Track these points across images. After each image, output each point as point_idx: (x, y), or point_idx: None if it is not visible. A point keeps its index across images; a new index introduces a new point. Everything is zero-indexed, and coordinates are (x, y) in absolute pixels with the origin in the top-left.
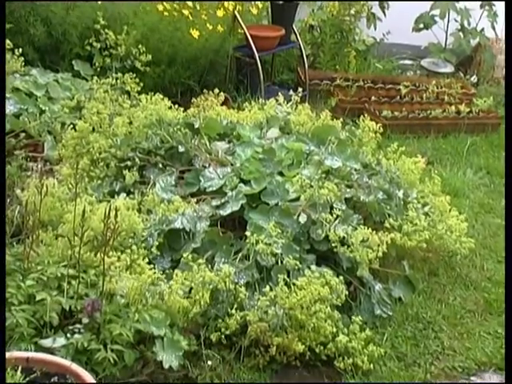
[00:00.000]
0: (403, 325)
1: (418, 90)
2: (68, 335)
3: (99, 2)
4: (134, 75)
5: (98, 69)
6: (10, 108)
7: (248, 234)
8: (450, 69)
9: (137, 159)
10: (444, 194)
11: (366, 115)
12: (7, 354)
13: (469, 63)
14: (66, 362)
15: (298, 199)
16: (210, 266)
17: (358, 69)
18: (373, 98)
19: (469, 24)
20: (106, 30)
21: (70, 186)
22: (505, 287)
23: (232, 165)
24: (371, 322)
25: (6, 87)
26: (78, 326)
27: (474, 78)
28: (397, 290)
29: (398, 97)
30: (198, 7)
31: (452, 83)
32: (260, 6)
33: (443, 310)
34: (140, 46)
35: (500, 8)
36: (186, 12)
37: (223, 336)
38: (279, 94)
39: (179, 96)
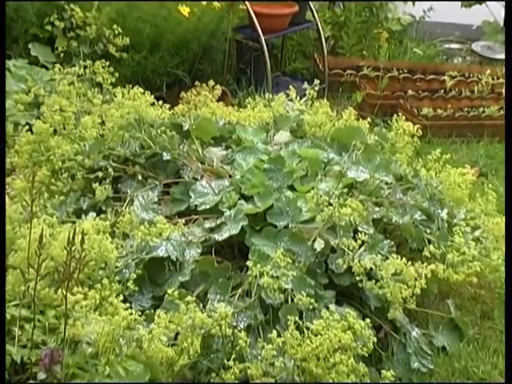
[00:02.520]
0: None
1: (468, 81)
2: None
3: None
4: (107, 63)
5: (62, 54)
6: None
7: (250, 264)
8: None
9: (110, 169)
10: (500, 214)
11: (400, 114)
12: None
13: None
14: None
15: (313, 220)
16: (201, 304)
17: (391, 55)
18: (410, 92)
19: None
20: (72, 6)
21: (25, 203)
22: (505, 289)
23: (230, 177)
24: (407, 378)
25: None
26: (31, 382)
27: None
28: (440, 337)
29: (442, 90)
30: None
31: None
32: None
33: (500, 364)
34: (115, 27)
35: None
36: None
37: None
38: (290, 87)
39: (164, 89)
